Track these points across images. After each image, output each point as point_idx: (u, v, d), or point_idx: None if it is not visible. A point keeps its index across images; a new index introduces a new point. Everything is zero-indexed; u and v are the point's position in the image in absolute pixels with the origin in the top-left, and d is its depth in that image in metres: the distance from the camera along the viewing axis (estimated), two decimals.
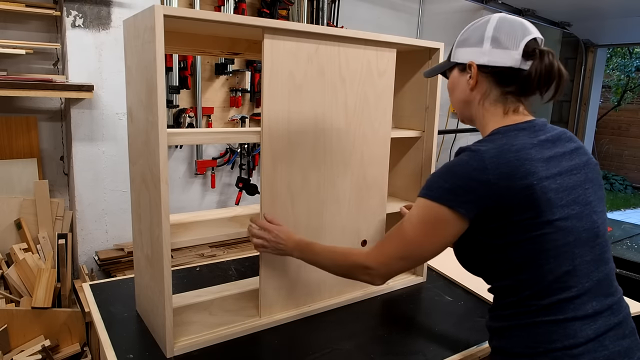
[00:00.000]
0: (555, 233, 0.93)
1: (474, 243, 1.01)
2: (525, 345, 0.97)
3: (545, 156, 0.96)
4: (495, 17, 1.04)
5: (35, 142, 2.59)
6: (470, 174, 0.94)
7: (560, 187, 0.95)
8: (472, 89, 1.06)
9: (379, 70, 1.46)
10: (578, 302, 0.95)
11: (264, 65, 1.25)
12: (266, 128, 1.28)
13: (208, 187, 3.22)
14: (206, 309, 1.42)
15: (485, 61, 1.02)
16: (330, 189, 1.44)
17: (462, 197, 0.94)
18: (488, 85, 1.04)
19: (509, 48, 0.99)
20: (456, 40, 1.10)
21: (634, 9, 4.08)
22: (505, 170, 0.92)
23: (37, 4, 2.43)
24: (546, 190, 0.92)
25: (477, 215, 0.95)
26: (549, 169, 0.95)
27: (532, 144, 0.97)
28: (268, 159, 1.30)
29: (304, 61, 1.31)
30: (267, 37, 1.24)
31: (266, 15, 3.11)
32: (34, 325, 2.22)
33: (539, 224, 0.92)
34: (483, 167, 0.93)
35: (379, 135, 1.51)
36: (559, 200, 0.94)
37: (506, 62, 1.00)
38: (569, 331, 0.94)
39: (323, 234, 1.45)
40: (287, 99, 1.30)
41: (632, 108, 8.65)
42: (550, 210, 0.92)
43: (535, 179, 0.92)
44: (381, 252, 1.06)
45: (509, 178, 0.91)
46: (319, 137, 1.38)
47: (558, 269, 0.94)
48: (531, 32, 1.01)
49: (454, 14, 4.17)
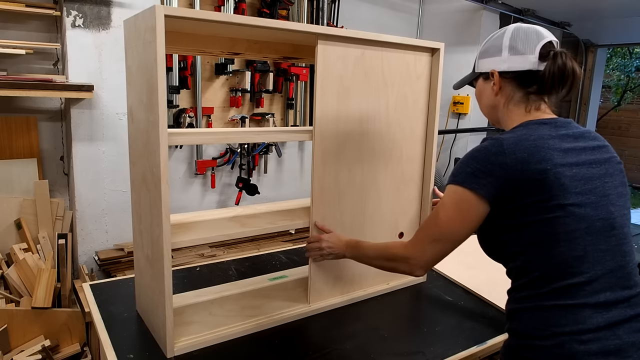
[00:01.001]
0: (567, 217, 0.97)
1: (492, 225, 1.06)
2: (534, 327, 1.00)
3: (564, 147, 1.02)
4: (510, 28, 1.13)
5: (35, 142, 2.59)
6: (489, 158, 1.01)
7: (576, 176, 1.00)
8: (497, 94, 1.15)
9: (417, 72, 1.57)
10: (589, 289, 0.97)
11: (317, 69, 1.35)
12: (318, 128, 1.38)
13: (208, 187, 3.22)
14: (206, 309, 1.42)
15: (506, 67, 1.11)
16: (372, 184, 1.54)
17: (482, 180, 1.01)
18: (511, 89, 1.13)
19: (526, 53, 1.08)
20: (478, 52, 1.20)
21: (634, 9, 4.08)
22: (522, 155, 0.99)
23: (37, 4, 2.43)
24: (560, 176, 0.98)
25: (495, 196, 1.01)
26: (566, 158, 1.01)
27: (551, 136, 1.03)
28: (319, 157, 1.40)
29: (352, 65, 1.41)
30: (321, 42, 1.33)
31: (266, 15, 3.10)
32: (34, 325, 2.22)
33: (551, 207, 0.97)
34: (501, 151, 1.00)
35: (416, 133, 1.62)
36: (573, 187, 0.99)
37: (524, 65, 1.08)
38: (578, 317, 0.96)
39: (365, 227, 1.56)
40: (336, 101, 1.40)
41: (632, 108, 8.64)
42: (563, 195, 0.97)
43: (550, 165, 0.98)
44: (417, 240, 1.14)
45: (524, 162, 0.98)
46: (363, 136, 1.48)
47: (568, 253, 0.98)
48: (545, 37, 1.09)
49: (454, 14, 4.17)
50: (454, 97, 4.19)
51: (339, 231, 1.49)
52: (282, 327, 1.39)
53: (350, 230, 1.51)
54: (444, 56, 1.58)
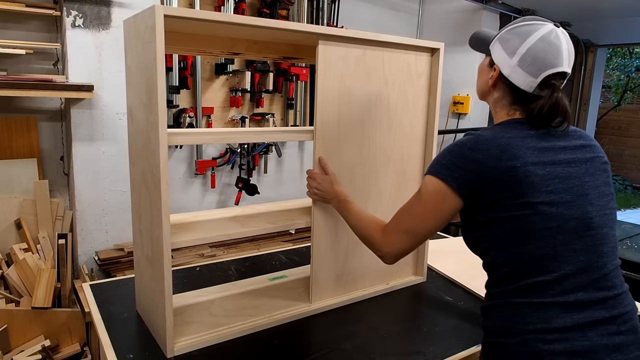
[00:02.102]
0: (536, 215, 0.97)
1: (468, 221, 1.08)
2: (502, 325, 1.01)
3: (540, 146, 1.02)
4: (540, 32, 1.04)
5: (35, 142, 2.59)
6: (464, 152, 1.02)
7: (549, 175, 0.99)
8: (491, 85, 1.13)
9: (417, 72, 1.57)
10: (558, 288, 0.97)
11: (317, 69, 1.35)
12: (319, 127, 1.39)
13: (208, 187, 3.22)
14: (206, 309, 1.42)
15: (507, 74, 1.07)
16: (373, 183, 1.55)
17: (455, 173, 1.02)
18: (503, 92, 1.11)
19: (530, 74, 1.04)
20: (505, 30, 1.10)
21: (634, 9, 4.08)
22: (494, 152, 0.99)
23: (37, 4, 2.43)
24: (530, 174, 0.98)
25: (467, 191, 1.02)
26: (540, 157, 1.00)
27: (529, 134, 1.03)
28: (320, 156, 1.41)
29: (352, 65, 1.41)
30: (322, 43, 1.33)
31: (266, 15, 3.10)
32: (34, 325, 2.22)
33: (519, 204, 0.97)
34: (475, 147, 1.01)
35: (417, 133, 1.62)
36: (544, 186, 0.98)
37: (521, 84, 1.05)
38: (544, 315, 0.96)
39: None
40: (337, 100, 1.41)
41: (632, 108, 8.64)
42: (532, 193, 0.97)
43: (520, 162, 0.98)
44: (392, 229, 1.14)
45: (495, 159, 0.99)
46: (364, 135, 1.49)
47: (537, 251, 0.98)
48: (559, 65, 1.02)
49: (454, 14, 4.17)
50: (454, 97, 4.19)
51: (341, 231, 1.49)
52: (282, 327, 1.39)
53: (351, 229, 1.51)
54: (444, 56, 1.59)
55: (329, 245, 1.48)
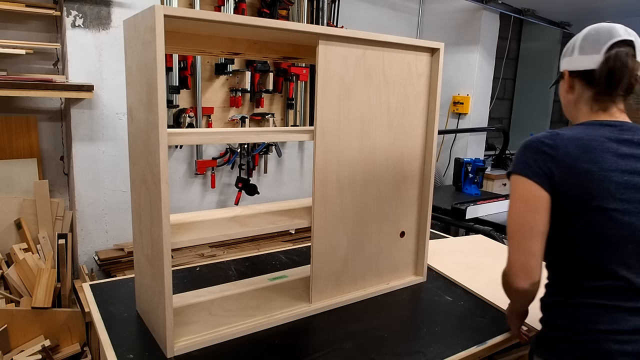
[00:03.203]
0: (608, 221, 0.99)
1: None
2: (568, 323, 1.04)
3: (620, 152, 1.03)
4: (587, 28, 1.13)
5: (35, 142, 2.59)
6: (541, 149, 1.04)
7: (626, 183, 1.00)
8: (567, 92, 1.17)
9: (417, 72, 1.57)
10: (627, 295, 1.00)
11: (318, 69, 1.35)
12: (319, 127, 1.38)
13: (208, 187, 3.22)
14: (206, 309, 1.42)
15: (574, 67, 1.13)
16: (373, 183, 1.54)
17: (535, 168, 1.03)
18: (580, 87, 1.14)
19: (591, 53, 1.09)
20: None
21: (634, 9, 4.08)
22: (573, 152, 1.01)
23: (37, 4, 2.43)
24: (606, 180, 0.99)
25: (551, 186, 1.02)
26: (618, 164, 1.01)
27: (611, 139, 1.04)
28: (320, 156, 1.40)
29: (353, 65, 1.41)
30: (322, 43, 1.33)
31: (266, 15, 3.11)
32: (34, 325, 2.22)
33: (591, 208, 0.99)
34: (553, 144, 1.03)
35: (417, 133, 1.63)
36: (619, 193, 0.99)
37: (588, 65, 1.09)
38: (614, 317, 0.99)
39: (367, 226, 1.56)
40: (337, 100, 1.41)
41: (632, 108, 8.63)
42: (605, 199, 0.99)
43: (597, 167, 1.00)
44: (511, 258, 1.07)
45: (573, 159, 1.01)
46: (364, 135, 1.49)
47: (607, 256, 1.00)
48: (616, 36, 1.07)
49: (454, 13, 4.17)
50: (454, 97, 4.19)
51: (341, 231, 1.48)
52: (282, 327, 1.39)
53: (351, 229, 1.51)
54: (444, 56, 1.59)
55: (329, 245, 1.48)
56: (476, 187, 3.47)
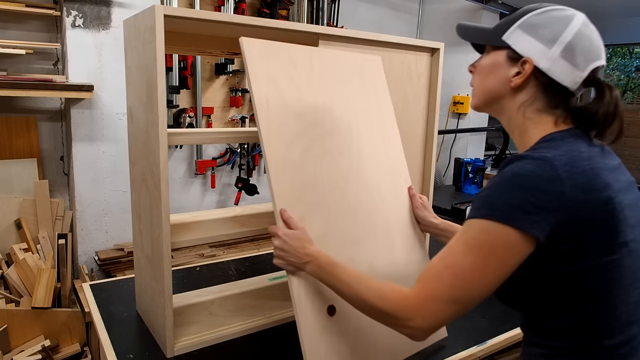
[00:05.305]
0: (629, 256, 0.79)
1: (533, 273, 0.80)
2: None
3: (609, 166, 0.82)
4: (580, 18, 0.85)
5: (35, 142, 2.59)
6: (542, 186, 0.75)
7: (631, 204, 0.81)
8: (515, 88, 0.87)
9: (417, 72, 1.56)
10: None
11: None
12: None
13: (208, 187, 3.22)
14: (206, 309, 1.42)
15: (546, 67, 0.83)
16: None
17: (535, 216, 0.74)
18: (534, 92, 0.86)
19: (578, 66, 0.82)
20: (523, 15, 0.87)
21: (634, 9, 4.08)
22: (581, 181, 0.76)
23: (37, 4, 2.43)
24: (623, 205, 0.78)
25: (548, 236, 0.76)
26: (619, 182, 0.81)
27: (597, 152, 0.83)
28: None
29: None
30: (322, 43, 1.33)
31: (266, 15, 3.10)
32: (34, 325, 2.22)
33: (617, 245, 0.77)
34: (556, 176, 0.75)
35: (417, 133, 1.62)
36: (630, 218, 0.79)
37: (565, 80, 0.83)
38: None
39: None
40: None
41: (632, 108, 8.63)
42: (626, 230, 0.78)
43: (613, 192, 0.77)
44: (428, 296, 0.80)
45: (586, 190, 0.76)
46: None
47: (628, 299, 0.80)
48: (602, 57, 0.85)
49: (454, 13, 4.17)
50: (454, 97, 4.19)
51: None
52: (282, 327, 1.38)
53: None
54: (444, 56, 1.58)
55: None
56: (476, 187, 3.47)
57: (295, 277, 1.02)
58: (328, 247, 1.10)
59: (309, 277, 1.01)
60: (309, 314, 1.03)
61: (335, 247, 1.13)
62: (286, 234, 1.00)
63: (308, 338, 1.01)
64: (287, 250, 1.00)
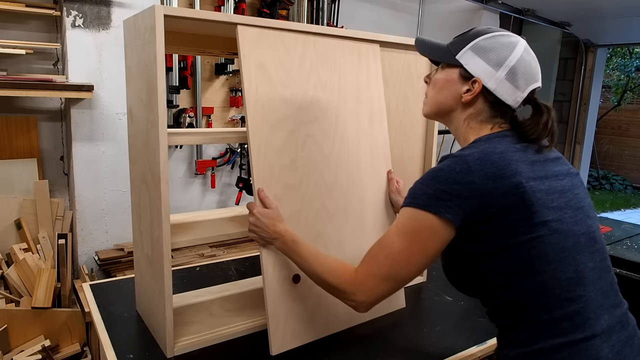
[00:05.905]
0: (551, 235, 0.88)
1: (461, 255, 0.94)
2: None
3: (530, 159, 0.93)
4: (522, 45, 0.97)
5: (35, 142, 2.59)
6: (454, 178, 0.89)
7: (549, 189, 0.91)
8: (465, 103, 1.00)
9: (417, 72, 1.57)
10: (592, 316, 0.88)
11: None
12: None
13: (208, 187, 3.22)
14: (206, 309, 1.42)
15: (492, 87, 0.96)
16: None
17: (448, 202, 0.88)
18: (481, 107, 0.99)
19: (519, 88, 0.96)
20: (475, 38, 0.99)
21: (634, 9, 4.08)
22: (491, 171, 0.88)
23: (37, 4, 2.43)
24: (535, 189, 0.88)
25: (463, 220, 0.89)
26: (535, 171, 0.92)
27: (516, 148, 0.94)
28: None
29: None
30: None
31: (266, 15, 3.10)
32: (34, 325, 2.22)
33: (534, 225, 0.87)
34: (467, 169, 0.89)
35: (417, 133, 1.62)
36: (549, 201, 0.89)
37: (508, 99, 0.97)
38: (591, 352, 0.86)
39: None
40: None
41: (632, 108, 8.65)
42: (542, 211, 0.88)
43: (523, 178, 0.88)
44: (367, 274, 0.96)
45: (495, 178, 0.88)
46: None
47: (560, 276, 0.87)
48: (538, 80, 0.98)
49: (454, 13, 4.17)
50: None
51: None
52: None
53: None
54: None
55: None
56: None
57: (265, 249, 1.18)
58: (299, 223, 1.23)
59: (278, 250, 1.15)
60: (275, 281, 1.20)
61: (307, 223, 1.25)
62: (260, 212, 1.14)
63: (272, 302, 1.18)
64: (259, 227, 1.14)
